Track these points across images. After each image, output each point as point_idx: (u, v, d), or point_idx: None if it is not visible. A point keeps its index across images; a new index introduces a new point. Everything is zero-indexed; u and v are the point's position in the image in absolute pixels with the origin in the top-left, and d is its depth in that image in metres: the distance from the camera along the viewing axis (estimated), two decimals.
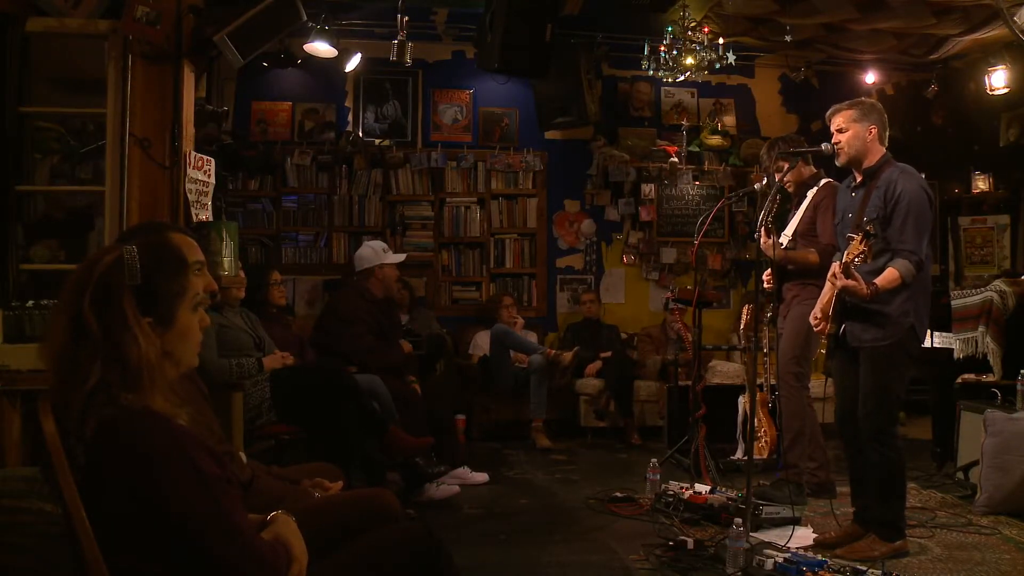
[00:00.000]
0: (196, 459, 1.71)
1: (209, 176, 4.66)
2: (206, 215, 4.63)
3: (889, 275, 3.95)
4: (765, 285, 5.26)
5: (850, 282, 3.86)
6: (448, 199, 8.50)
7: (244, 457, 2.92)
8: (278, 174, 8.20)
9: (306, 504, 2.52)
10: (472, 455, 6.36)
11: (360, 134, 8.33)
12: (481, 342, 7.76)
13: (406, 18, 6.23)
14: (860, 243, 3.80)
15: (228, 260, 4.47)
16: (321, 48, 7.01)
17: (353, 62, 7.75)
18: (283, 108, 8.31)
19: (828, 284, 4.15)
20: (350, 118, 8.42)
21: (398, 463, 5.25)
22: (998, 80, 8.12)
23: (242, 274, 5.12)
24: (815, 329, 4.28)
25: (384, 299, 6.26)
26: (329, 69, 7.92)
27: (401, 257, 6.40)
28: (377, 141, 8.33)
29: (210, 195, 4.71)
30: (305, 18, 4.81)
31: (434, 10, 7.95)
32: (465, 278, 8.52)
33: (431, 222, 8.44)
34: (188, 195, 4.44)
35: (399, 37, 6.20)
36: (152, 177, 4.31)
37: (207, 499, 1.70)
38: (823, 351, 4.26)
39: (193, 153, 4.51)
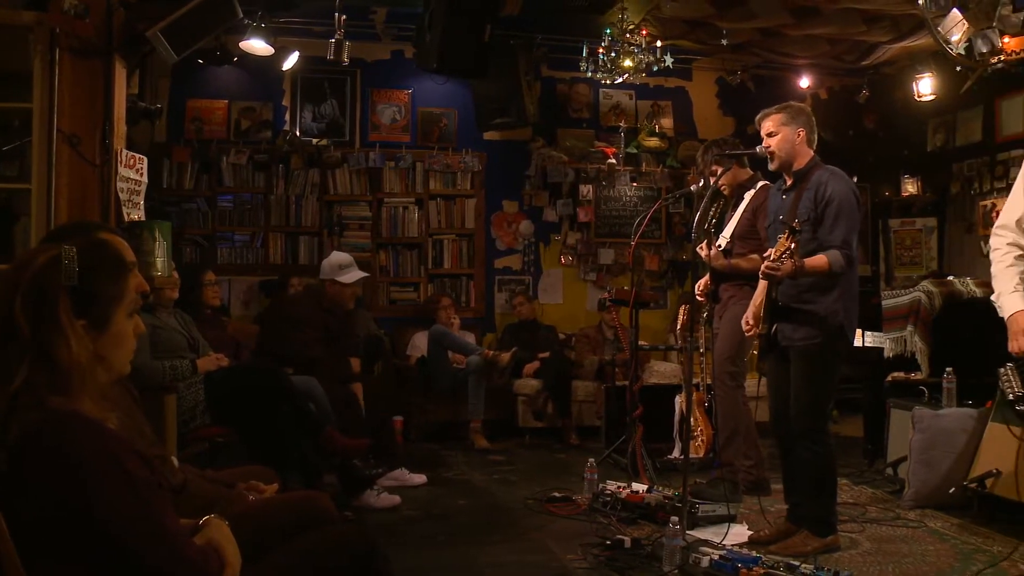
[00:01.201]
0: (125, 462, 1.67)
1: (141, 174, 4.58)
2: (138, 214, 4.55)
3: (818, 260, 4.00)
4: (698, 297, 5.31)
5: (773, 263, 3.88)
6: (386, 199, 8.45)
7: (176, 461, 2.87)
8: (213, 173, 8.09)
9: (240, 507, 2.49)
10: (410, 456, 6.34)
11: (297, 133, 8.24)
12: (419, 343, 7.73)
13: (344, 17, 6.17)
14: (787, 240, 3.84)
15: (161, 260, 4.40)
16: (257, 46, 6.91)
17: (290, 60, 7.66)
18: (219, 106, 8.20)
19: (760, 287, 4.21)
20: (287, 117, 8.33)
21: (335, 465, 5.21)
22: (925, 87, 8.33)
23: (176, 274, 5.04)
24: (746, 334, 4.34)
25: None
26: (266, 67, 7.81)
27: (354, 277, 6.12)
28: (315, 140, 8.25)
29: (143, 194, 4.63)
30: (241, 15, 4.76)
31: (373, 9, 7.90)
32: (403, 279, 8.49)
33: (369, 222, 8.39)
34: (119, 194, 4.35)
35: (336, 36, 6.14)
36: (82, 175, 4.22)
37: (137, 503, 1.66)
38: (756, 351, 4.31)
39: (125, 151, 4.42)
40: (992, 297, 3.35)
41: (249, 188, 8.16)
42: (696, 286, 5.29)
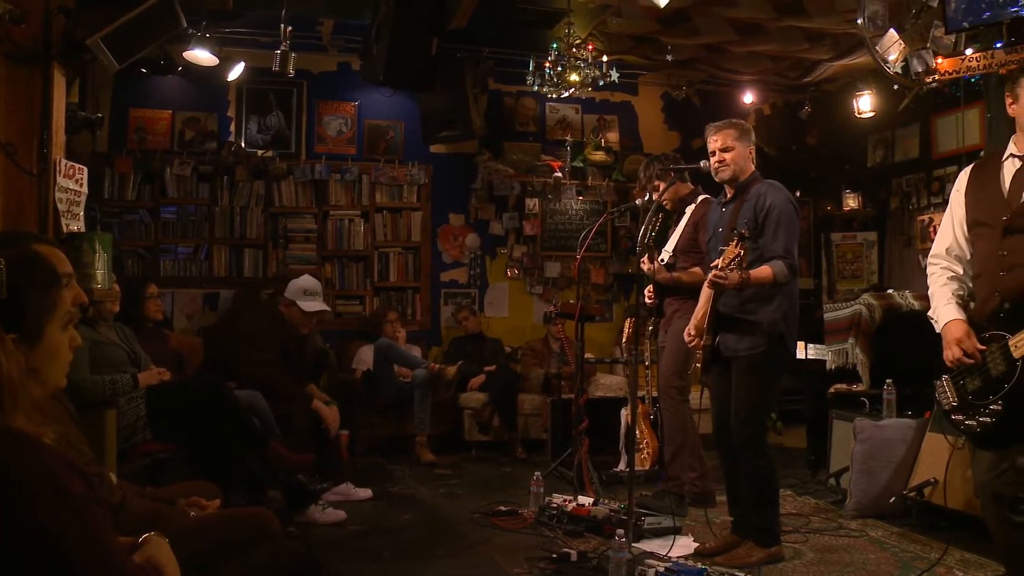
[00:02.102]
0: (62, 478, 1.63)
1: (81, 185, 4.49)
2: (78, 226, 4.46)
3: (762, 271, 4.06)
4: (647, 300, 5.35)
5: (720, 272, 3.90)
6: (332, 212, 8.40)
7: (114, 478, 2.82)
8: (157, 184, 7.97)
9: (181, 524, 2.45)
10: (356, 471, 6.29)
11: (242, 144, 8.16)
12: (365, 356, 7.68)
13: (290, 28, 6.11)
14: (735, 247, 3.87)
15: (101, 273, 4.30)
16: (202, 56, 6.85)
17: (236, 71, 7.60)
18: (162, 116, 8.08)
19: (702, 300, 4.25)
20: (232, 128, 8.24)
21: (280, 480, 5.15)
22: (865, 104, 8.51)
23: (116, 287, 4.95)
24: (689, 345, 4.37)
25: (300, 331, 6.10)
26: (211, 77, 7.73)
27: (315, 307, 6.13)
28: (260, 152, 8.18)
29: (82, 205, 4.54)
30: (185, 24, 4.69)
31: (320, 21, 7.86)
32: (348, 292, 8.42)
33: (314, 235, 8.32)
34: (58, 205, 4.26)
35: (282, 47, 6.09)
36: (18, 185, 4.11)
37: (74, 521, 1.63)
38: (699, 364, 4.35)
39: (64, 161, 4.34)
40: (929, 313, 3.45)
41: (193, 200, 8.05)
42: (644, 291, 5.33)
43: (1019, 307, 3.03)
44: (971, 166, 3.41)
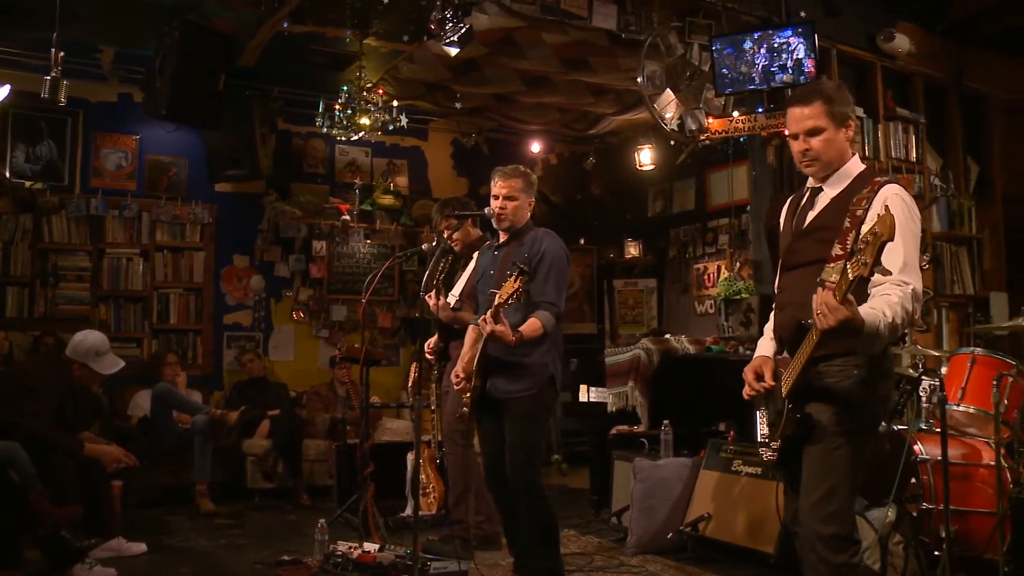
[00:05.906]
0: None
1: None
2: None
3: (532, 324, 4.12)
4: (427, 355, 5.35)
5: (499, 327, 3.94)
6: (108, 250, 8.00)
7: None
8: None
9: None
10: (129, 523, 5.94)
11: (7, 174, 7.66)
12: (141, 402, 7.33)
13: (62, 54, 5.82)
14: (514, 281, 3.86)
15: None
16: None
17: (1, 94, 7.12)
18: None
19: (468, 342, 4.30)
20: None
21: (40, 537, 4.80)
22: (646, 157, 9.02)
23: None
24: (456, 388, 4.38)
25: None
26: None
27: (113, 368, 5.64)
28: (28, 183, 7.70)
29: None
30: None
31: (100, 48, 7.53)
32: (125, 334, 8.00)
33: (88, 274, 7.88)
34: None
35: (52, 73, 5.78)
36: None
37: None
38: (465, 408, 4.35)
39: None
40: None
41: None
42: (426, 344, 5.33)
43: (795, 345, 2.90)
44: (791, 197, 3.33)
